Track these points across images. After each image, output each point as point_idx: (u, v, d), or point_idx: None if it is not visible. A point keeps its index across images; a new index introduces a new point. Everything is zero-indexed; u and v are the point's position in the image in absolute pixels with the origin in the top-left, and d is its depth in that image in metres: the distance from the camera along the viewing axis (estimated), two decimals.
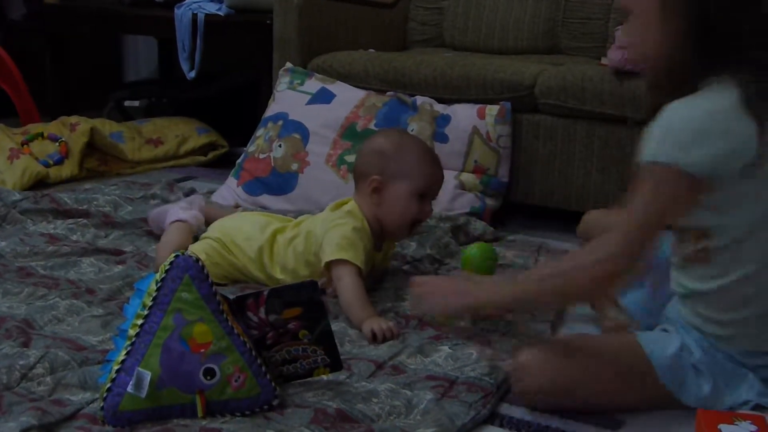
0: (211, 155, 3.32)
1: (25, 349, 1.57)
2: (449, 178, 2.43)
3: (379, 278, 1.99)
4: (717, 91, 1.30)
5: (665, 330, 1.51)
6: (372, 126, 2.53)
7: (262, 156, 2.63)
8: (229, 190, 2.66)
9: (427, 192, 1.89)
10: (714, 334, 1.44)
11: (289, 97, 2.71)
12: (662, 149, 1.31)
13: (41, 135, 3.03)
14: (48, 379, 1.47)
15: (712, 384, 1.44)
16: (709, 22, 1.27)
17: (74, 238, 2.26)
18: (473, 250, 1.94)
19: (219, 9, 3.18)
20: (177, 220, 2.10)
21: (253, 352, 1.39)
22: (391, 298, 1.90)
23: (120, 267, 2.04)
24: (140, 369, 1.34)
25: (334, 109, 2.62)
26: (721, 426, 1.30)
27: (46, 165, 2.91)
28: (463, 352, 1.63)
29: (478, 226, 2.39)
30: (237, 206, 2.51)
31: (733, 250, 1.37)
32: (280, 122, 2.66)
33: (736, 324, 1.43)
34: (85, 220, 2.36)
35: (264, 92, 2.98)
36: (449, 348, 1.64)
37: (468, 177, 2.48)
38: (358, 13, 3.04)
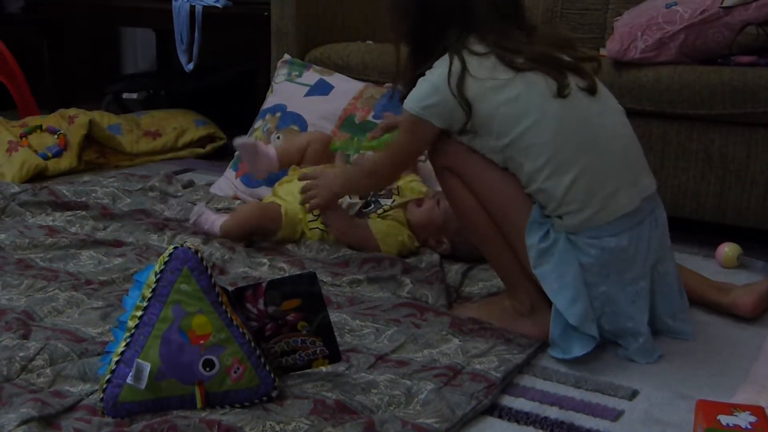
0: (209, 147, 3.32)
1: (24, 341, 1.58)
2: None
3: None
4: (438, 67, 1.66)
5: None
6: (370, 118, 2.52)
7: None
8: (227, 182, 2.65)
9: None
10: (571, 224, 1.61)
11: (287, 88, 2.70)
12: (408, 104, 1.69)
13: (40, 127, 3.02)
14: (48, 370, 1.48)
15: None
16: (416, 33, 1.72)
17: (73, 230, 2.26)
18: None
19: (217, 1, 3.17)
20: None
21: (252, 344, 1.39)
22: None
23: (119, 259, 2.04)
24: (139, 360, 1.34)
25: (333, 100, 2.61)
26: (720, 417, 1.30)
27: (45, 157, 2.90)
28: (473, 344, 1.63)
29: None
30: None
31: (523, 144, 1.62)
32: (278, 114, 2.65)
33: (572, 195, 1.59)
34: (83, 212, 2.36)
35: (262, 84, 2.97)
36: (459, 340, 1.65)
37: None
38: (356, 4, 3.03)
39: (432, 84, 1.66)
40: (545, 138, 1.61)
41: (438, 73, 1.65)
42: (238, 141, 2.38)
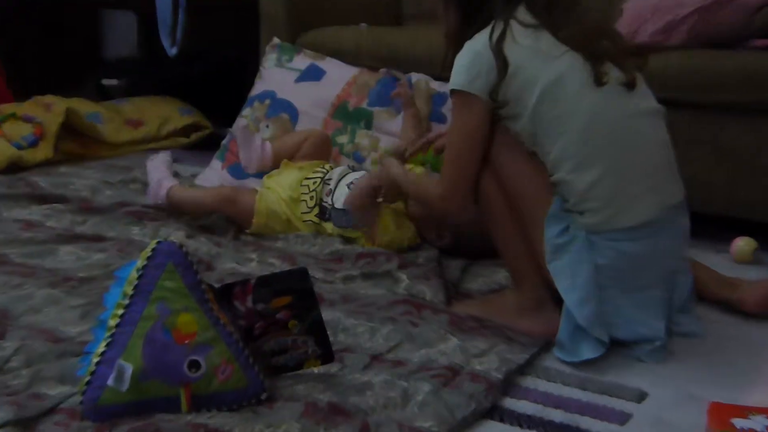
0: (193, 137, 3.32)
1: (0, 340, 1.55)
2: None
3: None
4: (480, 35, 1.67)
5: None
6: (365, 105, 2.50)
7: None
8: (213, 172, 2.62)
9: None
10: (591, 222, 1.59)
11: (276, 74, 2.68)
12: (453, 83, 1.68)
13: (14, 115, 2.97)
14: (24, 372, 1.45)
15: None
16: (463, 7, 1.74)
17: (50, 224, 2.25)
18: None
19: None
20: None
21: (241, 344, 1.37)
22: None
23: (100, 254, 2.02)
24: (121, 361, 1.31)
25: (325, 87, 2.59)
26: (734, 420, 1.29)
27: (20, 147, 2.86)
28: (473, 344, 1.61)
29: None
30: None
31: (553, 129, 1.61)
32: (268, 101, 2.62)
33: (594, 193, 1.58)
34: (61, 206, 2.35)
35: (250, 70, 2.94)
36: (458, 339, 1.62)
37: None
38: None
39: (472, 51, 1.65)
40: (575, 127, 1.59)
41: (479, 40, 1.65)
42: (240, 125, 2.40)
